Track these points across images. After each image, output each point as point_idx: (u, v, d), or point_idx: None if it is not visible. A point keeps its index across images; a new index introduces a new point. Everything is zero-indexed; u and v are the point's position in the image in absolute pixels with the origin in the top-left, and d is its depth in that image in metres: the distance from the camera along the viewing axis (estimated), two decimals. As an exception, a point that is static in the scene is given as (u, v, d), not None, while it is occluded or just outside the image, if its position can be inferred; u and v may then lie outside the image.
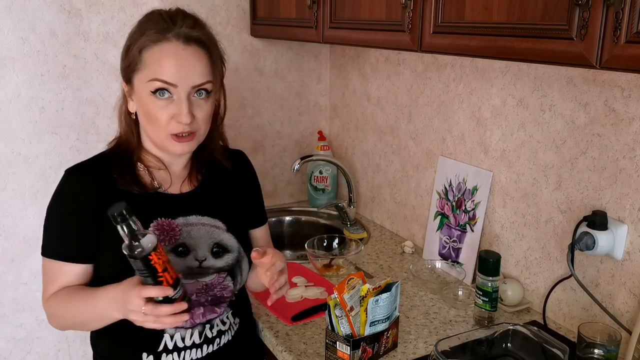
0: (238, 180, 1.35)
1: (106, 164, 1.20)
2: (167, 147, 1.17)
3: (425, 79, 1.81)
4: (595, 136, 1.31)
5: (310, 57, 2.27)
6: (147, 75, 1.12)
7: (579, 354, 1.21)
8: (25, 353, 1.96)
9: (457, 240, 1.71)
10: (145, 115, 1.16)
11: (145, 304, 1.02)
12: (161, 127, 1.14)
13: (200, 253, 1.21)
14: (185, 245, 1.20)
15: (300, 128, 2.33)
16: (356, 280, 1.24)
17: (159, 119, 1.13)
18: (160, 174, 1.24)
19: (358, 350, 1.22)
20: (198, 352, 1.22)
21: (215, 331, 1.25)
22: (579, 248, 1.30)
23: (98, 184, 1.17)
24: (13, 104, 1.79)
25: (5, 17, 1.73)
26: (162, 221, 1.19)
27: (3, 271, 1.87)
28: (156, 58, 1.11)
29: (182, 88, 1.12)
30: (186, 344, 1.21)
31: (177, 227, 1.20)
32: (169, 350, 1.20)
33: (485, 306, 1.41)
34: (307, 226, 2.21)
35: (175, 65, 1.11)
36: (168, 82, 1.11)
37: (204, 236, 1.22)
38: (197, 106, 1.15)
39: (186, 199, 1.24)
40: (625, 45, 0.88)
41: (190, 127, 1.15)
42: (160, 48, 1.11)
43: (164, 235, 1.18)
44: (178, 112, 1.12)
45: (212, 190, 1.29)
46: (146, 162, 1.23)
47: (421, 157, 1.88)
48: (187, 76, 1.12)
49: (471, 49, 1.16)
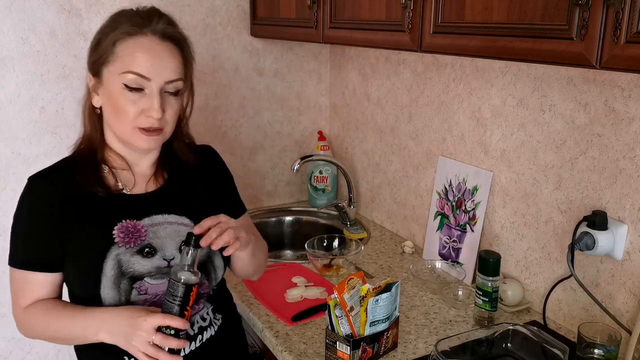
0: (206, 176, 1.34)
1: (69, 168, 1.20)
2: (133, 142, 1.16)
3: (425, 79, 1.81)
4: (595, 136, 1.31)
5: (310, 57, 2.27)
6: (120, 68, 1.12)
7: (579, 354, 1.21)
8: (25, 353, 1.95)
9: (457, 240, 1.71)
10: (112, 109, 1.15)
11: (155, 334, 1.05)
12: (128, 120, 1.13)
13: (168, 252, 1.19)
14: (152, 245, 1.18)
15: (300, 128, 2.33)
16: (356, 280, 1.24)
17: (128, 112, 1.13)
18: (125, 175, 1.23)
19: (358, 350, 1.22)
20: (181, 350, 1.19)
21: (196, 328, 1.23)
22: (579, 248, 1.30)
23: (62, 189, 1.17)
24: (13, 104, 1.79)
25: (5, 17, 1.73)
26: (127, 223, 1.18)
27: (3, 271, 1.86)
28: (131, 51, 1.12)
29: (155, 82, 1.12)
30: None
31: (143, 228, 1.18)
32: None
33: (485, 306, 1.41)
34: (307, 226, 2.21)
35: (150, 59, 1.12)
36: (142, 75, 1.11)
37: (171, 235, 1.20)
38: (168, 103, 1.16)
39: (151, 199, 1.23)
40: (625, 45, 0.88)
41: (159, 122, 1.15)
42: (135, 41, 1.12)
43: (129, 237, 1.17)
44: (149, 107, 1.13)
45: (178, 188, 1.27)
46: (110, 163, 1.22)
47: (421, 157, 1.88)
48: (161, 71, 1.13)
49: (471, 49, 1.16)
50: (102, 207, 1.16)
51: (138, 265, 1.16)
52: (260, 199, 2.31)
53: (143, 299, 1.17)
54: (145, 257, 1.17)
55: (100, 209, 1.14)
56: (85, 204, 1.16)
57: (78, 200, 1.16)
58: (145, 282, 1.17)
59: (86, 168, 1.19)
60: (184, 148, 1.31)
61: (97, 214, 1.17)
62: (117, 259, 1.15)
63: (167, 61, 1.14)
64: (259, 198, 2.30)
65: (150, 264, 1.17)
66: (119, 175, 1.22)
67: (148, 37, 1.13)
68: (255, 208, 2.28)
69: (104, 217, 1.13)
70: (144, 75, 1.11)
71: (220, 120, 2.15)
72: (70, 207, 1.15)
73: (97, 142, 1.21)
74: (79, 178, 1.17)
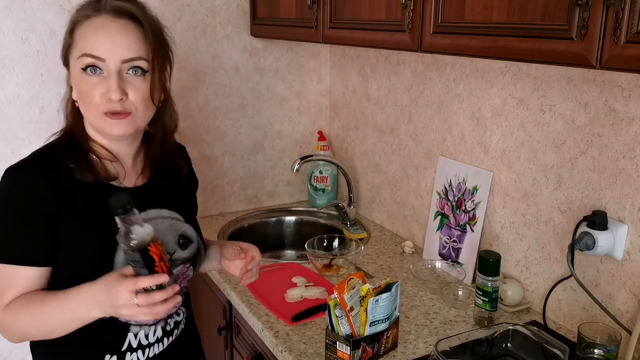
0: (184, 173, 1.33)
1: (57, 155, 1.13)
2: (104, 128, 1.11)
3: (425, 79, 1.81)
4: (595, 136, 1.31)
5: (310, 57, 2.27)
6: (77, 52, 1.08)
7: (579, 354, 1.21)
8: (26, 353, 1.95)
9: (457, 240, 1.71)
10: (79, 96, 1.11)
11: (136, 295, 0.99)
12: (94, 106, 1.08)
13: (170, 246, 1.18)
14: None
15: (300, 128, 2.33)
16: (356, 280, 1.24)
17: (91, 97, 1.07)
18: (114, 166, 1.18)
19: (358, 350, 1.22)
20: (160, 346, 1.21)
21: (172, 322, 1.23)
22: (579, 248, 1.30)
23: (50, 178, 1.09)
24: (13, 104, 1.79)
25: (5, 17, 1.73)
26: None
27: (3, 271, 1.87)
28: (84, 32, 1.07)
29: (111, 61, 1.06)
30: (150, 341, 1.19)
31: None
32: (133, 349, 1.17)
33: (485, 306, 1.41)
34: (307, 226, 2.21)
35: (102, 37, 1.06)
36: (95, 56, 1.06)
37: (169, 229, 1.20)
38: (131, 84, 1.08)
39: (142, 193, 1.19)
40: (625, 45, 0.88)
41: (123, 105, 1.08)
42: (89, 23, 1.07)
43: None
44: (107, 89, 1.06)
45: (165, 183, 1.25)
46: (97, 154, 1.16)
47: (421, 157, 1.88)
48: (115, 49, 1.06)
49: (471, 49, 1.16)
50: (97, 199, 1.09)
51: None
52: (260, 199, 2.31)
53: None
54: None
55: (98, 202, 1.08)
56: (79, 195, 1.11)
57: (71, 191, 1.10)
58: None
59: (77, 155, 1.13)
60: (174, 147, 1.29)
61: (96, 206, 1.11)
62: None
63: (121, 38, 1.07)
64: (259, 198, 2.31)
65: None
66: (108, 166, 1.17)
67: (101, 17, 1.07)
68: (255, 208, 2.28)
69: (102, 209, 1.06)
70: (96, 56, 1.06)
71: (220, 120, 2.15)
72: (64, 199, 1.08)
73: (79, 135, 1.16)
74: (74, 166, 1.11)
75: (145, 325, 1.18)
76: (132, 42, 1.08)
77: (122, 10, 1.08)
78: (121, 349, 1.16)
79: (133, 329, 1.17)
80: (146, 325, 1.18)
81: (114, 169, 1.18)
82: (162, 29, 1.17)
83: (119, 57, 1.07)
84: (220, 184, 2.20)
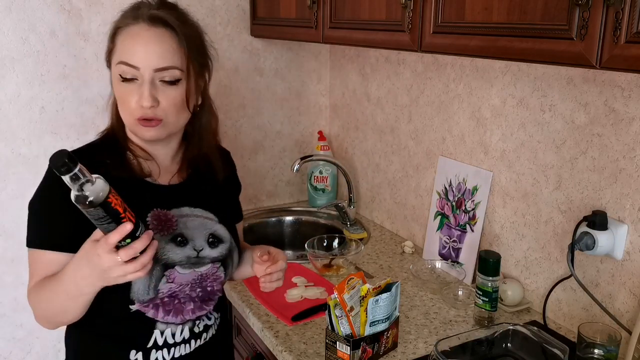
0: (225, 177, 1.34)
1: (96, 151, 1.18)
2: (137, 133, 1.15)
3: (425, 79, 1.81)
4: (595, 136, 1.31)
5: (310, 57, 2.27)
6: (117, 58, 1.11)
7: (579, 354, 1.21)
8: (25, 353, 1.96)
9: (457, 240, 1.71)
10: (118, 100, 1.15)
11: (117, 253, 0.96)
12: (129, 111, 1.12)
13: (198, 243, 1.19)
14: (183, 235, 1.18)
15: (300, 128, 2.33)
16: (356, 280, 1.24)
17: (127, 102, 1.11)
18: (149, 164, 1.21)
19: (358, 350, 1.22)
20: (187, 347, 1.22)
21: (202, 326, 1.24)
22: (579, 248, 1.30)
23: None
24: (13, 104, 1.79)
25: (5, 17, 1.73)
26: (159, 212, 1.17)
27: (3, 271, 1.87)
28: (122, 40, 1.11)
29: (144, 70, 1.09)
30: (176, 340, 1.20)
31: (173, 218, 1.18)
32: (158, 347, 1.18)
33: (485, 306, 1.41)
34: (307, 226, 2.21)
35: (138, 46, 1.09)
36: (130, 65, 1.09)
37: (199, 227, 1.21)
38: (163, 92, 1.11)
39: (176, 191, 1.22)
40: (625, 45, 0.88)
41: (154, 112, 1.11)
42: (128, 30, 1.11)
43: (162, 225, 1.16)
44: (139, 96, 1.09)
45: (201, 184, 1.27)
46: (134, 152, 1.20)
47: (421, 157, 1.88)
48: (149, 58, 1.09)
49: (471, 49, 1.16)
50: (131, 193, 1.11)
51: (172, 253, 1.15)
52: (260, 199, 2.31)
53: (168, 288, 1.16)
54: (177, 246, 1.16)
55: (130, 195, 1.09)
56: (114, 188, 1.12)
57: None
58: (175, 271, 1.16)
59: (114, 153, 1.18)
60: (213, 150, 1.30)
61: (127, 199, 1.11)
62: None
63: (155, 47, 1.09)
64: (259, 198, 2.31)
65: (182, 253, 1.17)
66: (143, 164, 1.20)
67: (139, 24, 1.10)
68: (255, 208, 2.28)
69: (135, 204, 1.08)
70: (131, 64, 1.09)
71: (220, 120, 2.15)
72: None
73: (120, 134, 1.21)
74: (110, 162, 1.15)
75: (172, 324, 1.19)
76: (165, 51, 1.10)
77: (158, 18, 1.10)
78: (147, 345, 1.17)
79: (160, 326, 1.18)
80: (173, 324, 1.19)
81: (148, 167, 1.21)
82: (200, 36, 1.19)
83: (152, 65, 1.09)
84: (220, 184, 2.20)
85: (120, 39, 1.12)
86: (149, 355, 1.17)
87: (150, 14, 1.10)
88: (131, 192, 1.11)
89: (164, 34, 1.10)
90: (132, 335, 1.16)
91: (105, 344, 1.18)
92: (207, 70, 1.22)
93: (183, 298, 1.19)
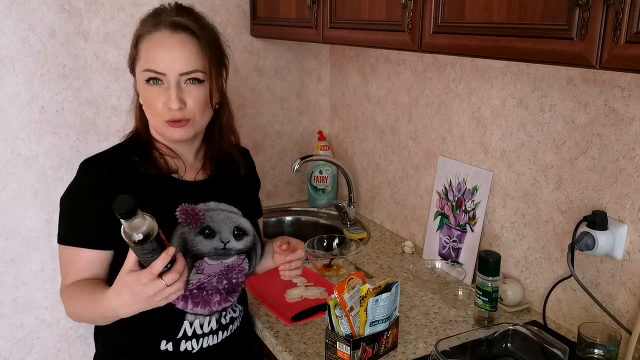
0: (245, 174, 1.41)
1: (124, 152, 1.24)
2: (165, 134, 1.21)
3: (425, 79, 1.81)
4: (595, 136, 1.31)
5: (310, 57, 2.27)
6: (142, 66, 1.17)
7: (579, 354, 1.21)
8: (25, 353, 1.96)
9: (457, 240, 1.71)
10: (145, 104, 1.20)
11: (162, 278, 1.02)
12: (157, 114, 1.18)
13: (224, 235, 1.26)
14: (211, 228, 1.24)
15: (300, 128, 2.33)
16: (356, 280, 1.24)
17: (154, 105, 1.17)
18: (175, 162, 1.27)
19: (358, 350, 1.22)
20: (214, 338, 1.28)
21: (228, 318, 1.31)
22: (579, 248, 1.30)
23: (116, 170, 1.19)
24: (13, 104, 1.79)
25: (5, 17, 1.73)
26: (187, 206, 1.23)
27: (3, 271, 1.87)
28: (147, 47, 1.16)
29: (170, 75, 1.15)
30: (204, 331, 1.26)
31: (200, 212, 1.24)
32: (188, 337, 1.24)
33: (485, 306, 1.41)
34: (307, 226, 2.21)
35: (163, 53, 1.14)
36: (157, 72, 1.15)
37: (225, 220, 1.27)
38: (188, 93, 1.17)
39: (202, 186, 1.29)
40: (625, 45, 0.88)
41: (182, 113, 1.17)
42: (151, 37, 1.16)
43: (190, 219, 1.22)
44: (167, 99, 1.15)
45: (225, 180, 1.34)
46: (160, 151, 1.26)
47: (421, 157, 1.88)
48: (174, 64, 1.14)
49: (471, 49, 1.16)
50: (159, 189, 1.20)
51: (201, 244, 1.22)
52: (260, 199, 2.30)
53: (197, 279, 1.22)
54: (205, 238, 1.23)
55: (159, 191, 1.19)
56: (142, 185, 1.19)
57: (134, 181, 1.19)
58: (204, 262, 1.23)
59: (141, 151, 1.23)
60: (233, 147, 1.37)
61: (156, 195, 1.20)
62: (182, 237, 1.20)
63: (179, 53, 1.15)
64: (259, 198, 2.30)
65: (210, 245, 1.23)
66: (169, 161, 1.26)
67: (161, 32, 1.15)
68: (255, 208, 2.28)
69: (164, 199, 1.19)
70: (157, 71, 1.15)
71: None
72: (127, 188, 1.15)
73: (145, 135, 1.26)
74: (138, 159, 1.21)
75: (200, 315, 1.25)
76: (189, 56, 1.16)
77: (180, 24, 1.16)
78: (176, 336, 1.23)
79: (189, 317, 1.24)
80: (201, 315, 1.25)
81: (175, 164, 1.26)
82: (218, 38, 1.26)
83: (178, 70, 1.15)
84: (220, 184, 2.20)
85: (144, 47, 1.16)
86: (179, 345, 1.23)
87: (171, 21, 1.15)
88: (160, 188, 1.21)
89: (186, 40, 1.16)
90: (162, 326, 1.22)
91: (136, 335, 1.23)
92: (225, 69, 1.29)
93: (210, 290, 1.25)
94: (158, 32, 1.15)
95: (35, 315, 1.93)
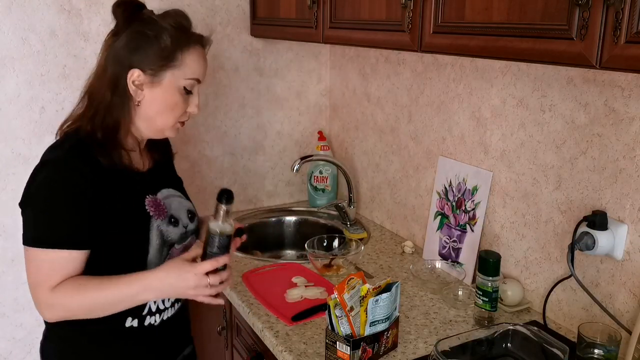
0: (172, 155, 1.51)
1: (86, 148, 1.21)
2: (168, 133, 1.31)
3: (425, 79, 1.81)
4: (595, 136, 1.31)
5: (310, 57, 2.27)
6: (187, 74, 1.25)
7: (579, 354, 1.21)
8: (26, 353, 1.95)
9: (457, 240, 1.71)
10: (164, 107, 1.26)
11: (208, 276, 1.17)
12: (176, 116, 1.28)
13: (184, 221, 1.35)
14: (174, 216, 1.32)
15: (300, 128, 2.33)
16: (356, 280, 1.24)
17: (178, 109, 1.27)
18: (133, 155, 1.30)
19: (358, 350, 1.22)
20: (172, 310, 1.35)
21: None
22: (579, 248, 1.30)
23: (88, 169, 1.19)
24: (13, 104, 1.79)
25: (5, 17, 1.73)
26: (151, 198, 1.29)
27: (3, 271, 1.87)
28: (194, 59, 1.26)
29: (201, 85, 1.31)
30: (166, 305, 1.33)
31: (161, 202, 1.31)
32: (152, 313, 1.30)
33: (485, 306, 1.41)
34: (307, 226, 2.21)
35: (203, 65, 1.30)
36: (199, 80, 1.29)
37: (179, 206, 1.36)
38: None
39: (153, 175, 1.35)
40: (625, 45, 0.88)
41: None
42: (193, 51, 1.26)
43: (158, 210, 1.29)
44: (195, 104, 1.30)
45: (165, 165, 1.43)
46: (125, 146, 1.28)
47: (421, 157, 1.88)
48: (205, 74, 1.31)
49: (471, 49, 1.16)
50: (127, 184, 1.25)
51: (172, 233, 1.30)
52: (260, 199, 2.31)
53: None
54: (173, 226, 1.31)
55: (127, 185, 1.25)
56: (112, 181, 1.22)
57: (105, 178, 1.21)
58: (174, 248, 1.32)
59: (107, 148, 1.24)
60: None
61: (126, 190, 1.25)
62: (159, 230, 1.27)
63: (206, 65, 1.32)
64: (259, 198, 2.31)
65: (177, 231, 1.32)
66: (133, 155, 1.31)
67: (196, 46, 1.27)
68: (255, 208, 2.28)
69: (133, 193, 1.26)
70: (200, 80, 1.29)
71: (220, 120, 2.15)
72: (100, 185, 1.19)
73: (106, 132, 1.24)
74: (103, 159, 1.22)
75: None
76: None
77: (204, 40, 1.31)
78: (142, 313, 1.29)
79: None
80: None
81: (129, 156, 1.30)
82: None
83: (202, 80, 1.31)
84: (220, 184, 2.19)
85: (189, 58, 1.25)
86: (143, 321, 1.29)
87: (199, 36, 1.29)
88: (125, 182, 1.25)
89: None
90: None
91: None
92: None
93: None
94: (195, 45, 1.26)
95: (35, 316, 1.91)
